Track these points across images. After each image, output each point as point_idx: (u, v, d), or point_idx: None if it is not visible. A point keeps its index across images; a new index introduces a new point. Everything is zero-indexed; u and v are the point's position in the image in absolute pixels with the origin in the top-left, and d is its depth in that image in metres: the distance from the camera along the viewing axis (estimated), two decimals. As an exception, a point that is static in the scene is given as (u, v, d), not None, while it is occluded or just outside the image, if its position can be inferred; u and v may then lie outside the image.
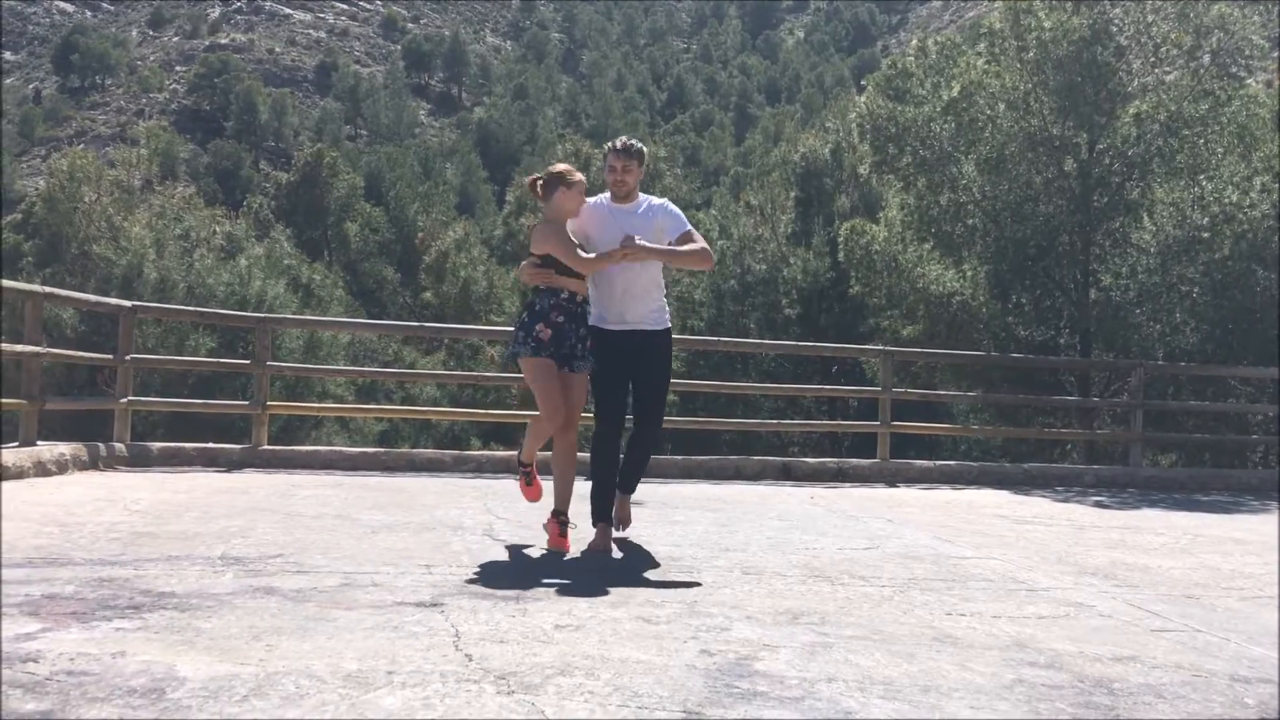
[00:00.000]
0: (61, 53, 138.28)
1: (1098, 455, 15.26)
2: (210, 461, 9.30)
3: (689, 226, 5.65)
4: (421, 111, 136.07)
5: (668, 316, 5.79)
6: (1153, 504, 9.61)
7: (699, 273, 24.16)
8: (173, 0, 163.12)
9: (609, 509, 5.72)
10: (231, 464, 9.30)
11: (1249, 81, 14.77)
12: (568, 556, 5.40)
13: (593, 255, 5.48)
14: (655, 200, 5.76)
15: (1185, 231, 13.93)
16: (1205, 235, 13.77)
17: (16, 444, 8.03)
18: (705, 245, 5.63)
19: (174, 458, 9.22)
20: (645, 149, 5.83)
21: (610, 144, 5.82)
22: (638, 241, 5.38)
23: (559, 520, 5.58)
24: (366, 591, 4.13)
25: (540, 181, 5.66)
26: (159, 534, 5.33)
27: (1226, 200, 13.74)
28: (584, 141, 39.50)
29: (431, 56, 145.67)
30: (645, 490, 8.56)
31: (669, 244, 5.57)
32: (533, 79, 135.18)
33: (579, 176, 5.62)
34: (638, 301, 5.63)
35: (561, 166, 5.69)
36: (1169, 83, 14.13)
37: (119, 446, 8.97)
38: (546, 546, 5.57)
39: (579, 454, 6.15)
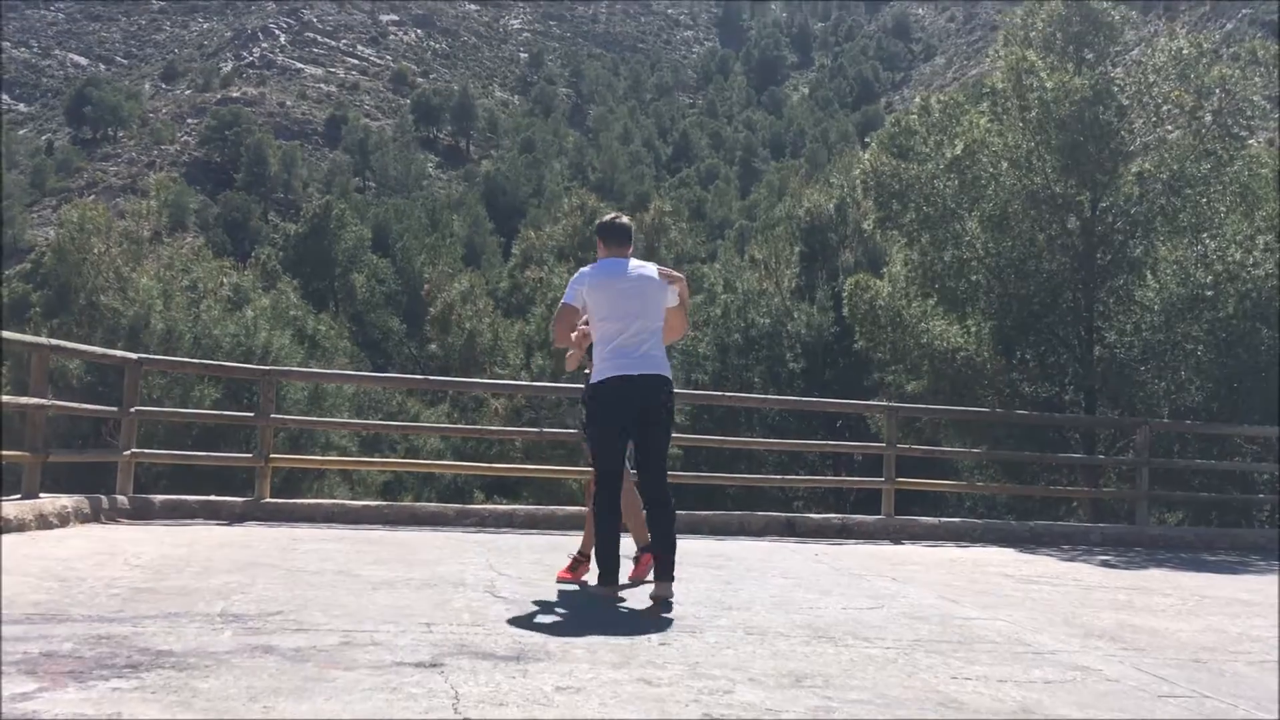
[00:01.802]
0: (74, 105, 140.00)
1: (1104, 513, 15.17)
2: (212, 514, 9.27)
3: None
4: (430, 164, 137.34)
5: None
6: (1159, 563, 9.54)
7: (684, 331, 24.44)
8: (186, 54, 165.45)
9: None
10: (234, 517, 9.27)
11: (1250, 142, 14.88)
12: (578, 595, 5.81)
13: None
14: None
15: (1189, 289, 13.95)
16: (1209, 293, 13.79)
17: (19, 496, 8.02)
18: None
19: (176, 510, 9.19)
20: (601, 221, 6.33)
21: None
22: None
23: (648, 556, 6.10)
24: (366, 651, 4.10)
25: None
26: (159, 589, 5.31)
27: (1230, 259, 13.79)
28: (590, 195, 39.76)
29: (440, 110, 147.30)
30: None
31: None
32: (540, 132, 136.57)
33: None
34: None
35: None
36: (1171, 142, 14.23)
37: (121, 499, 8.96)
38: (631, 578, 6.16)
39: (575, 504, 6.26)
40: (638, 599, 5.82)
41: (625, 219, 6.29)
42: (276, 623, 4.57)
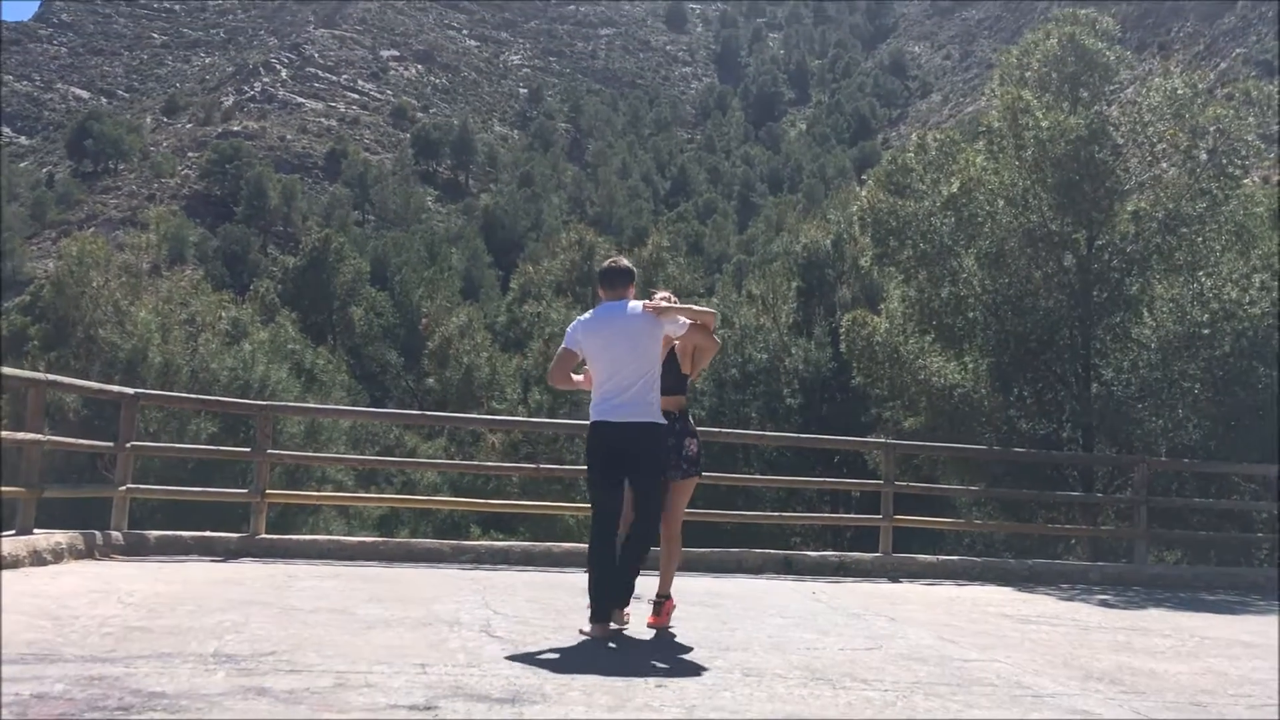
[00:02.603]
0: (76, 138, 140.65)
1: (1102, 551, 15.11)
2: (207, 550, 9.22)
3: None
4: (429, 198, 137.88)
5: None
6: (1158, 603, 9.50)
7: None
8: (188, 88, 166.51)
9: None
10: (229, 553, 9.22)
11: (1245, 180, 14.95)
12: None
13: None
14: None
15: (1185, 327, 13.98)
16: (1205, 332, 13.82)
17: (13, 532, 7.98)
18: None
19: (171, 546, 9.14)
20: (602, 267, 6.43)
21: None
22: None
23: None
24: (359, 693, 4.07)
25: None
26: (152, 628, 5.27)
27: (1226, 297, 13.82)
28: (588, 230, 39.90)
29: (440, 144, 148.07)
30: (643, 584, 8.47)
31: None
32: (539, 167, 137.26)
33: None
34: None
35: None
36: (1166, 181, 14.30)
37: (116, 535, 8.91)
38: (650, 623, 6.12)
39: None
40: (641, 639, 5.79)
41: (623, 261, 6.35)
42: (270, 663, 4.53)
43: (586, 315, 6.11)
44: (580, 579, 8.68)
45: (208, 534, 9.57)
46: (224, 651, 4.75)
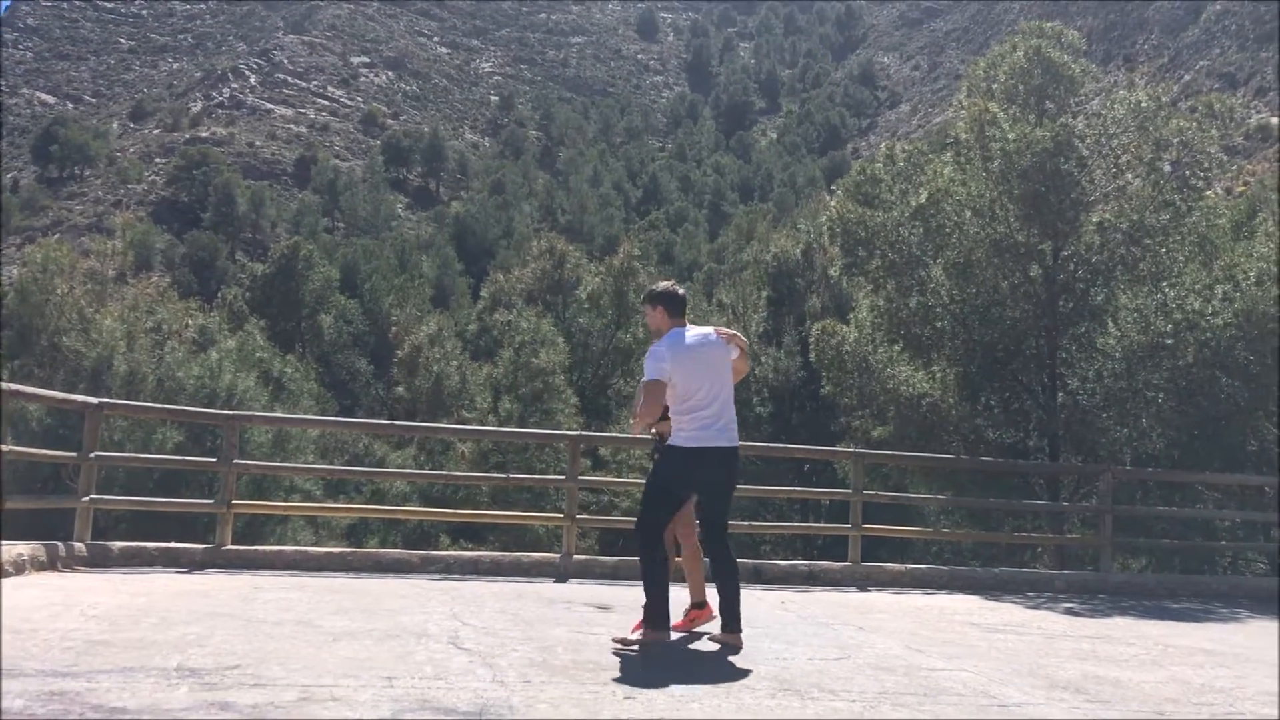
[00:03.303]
0: (41, 143, 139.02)
1: (1068, 559, 15.25)
2: (172, 561, 9.12)
3: (644, 378, 6.13)
4: (399, 205, 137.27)
5: (674, 436, 6.22)
6: (1123, 611, 9.58)
7: None
8: (155, 94, 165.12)
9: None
10: (194, 564, 9.13)
11: (1208, 192, 15.15)
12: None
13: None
14: (655, 342, 6.33)
15: (1149, 338, 14.14)
16: (1169, 342, 13.98)
17: (-27, 543, 7.86)
18: (636, 398, 6.37)
19: (135, 558, 9.04)
20: (662, 290, 6.44)
21: None
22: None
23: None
24: (325, 707, 4.04)
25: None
26: (114, 642, 5.21)
27: (1189, 308, 13.99)
28: (559, 238, 39.86)
29: (410, 152, 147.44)
30: (615, 594, 8.47)
31: None
32: (510, 174, 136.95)
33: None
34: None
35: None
36: (1130, 192, 14.48)
37: (79, 546, 8.80)
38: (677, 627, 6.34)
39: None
40: (610, 650, 5.78)
41: (682, 288, 6.60)
42: (234, 677, 4.49)
43: (664, 345, 6.14)
44: (548, 589, 8.68)
45: (173, 545, 9.47)
46: (187, 665, 4.70)
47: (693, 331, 6.22)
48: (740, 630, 6.08)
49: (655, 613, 6.02)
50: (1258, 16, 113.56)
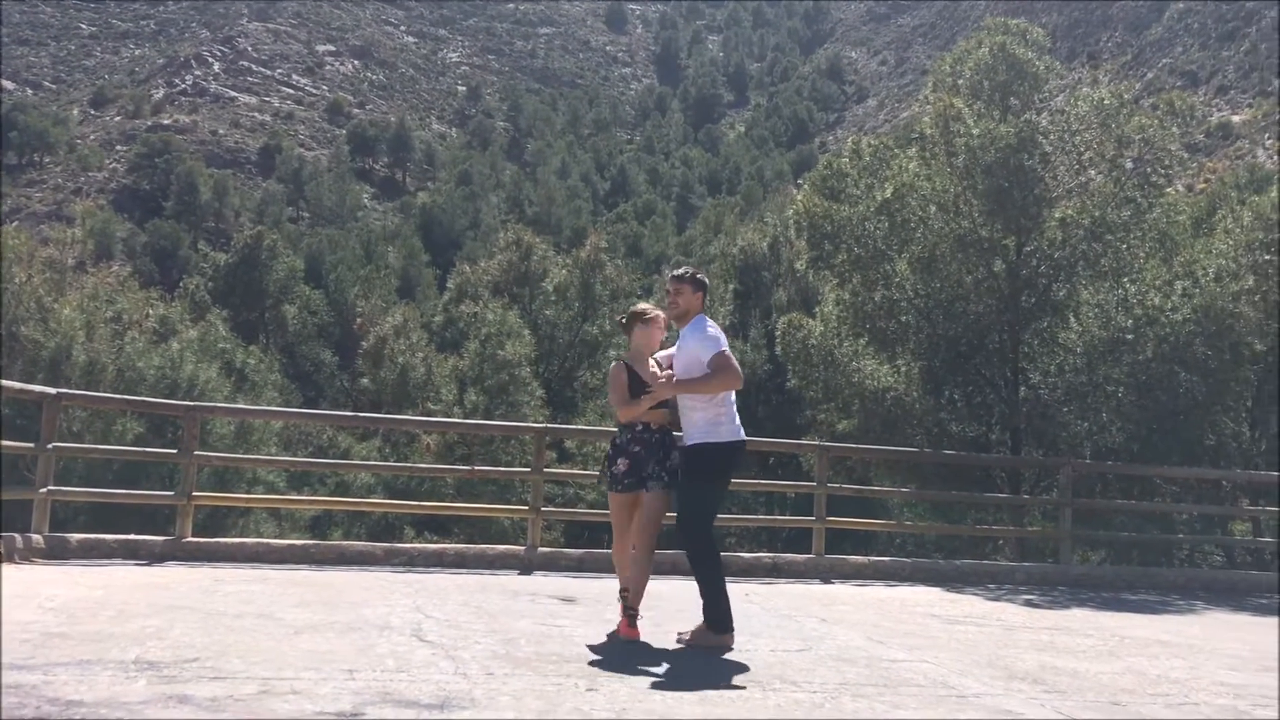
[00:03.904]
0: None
1: (1029, 552, 15.40)
2: (131, 554, 9.03)
3: (719, 349, 5.89)
4: (365, 195, 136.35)
5: (712, 430, 6.01)
6: (1081, 603, 9.70)
7: None
8: (116, 80, 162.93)
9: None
10: (153, 557, 9.03)
11: (1168, 190, 15.34)
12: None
13: (633, 403, 5.98)
14: (697, 323, 6.11)
15: (1110, 333, 14.30)
16: (1129, 337, 14.15)
17: (-73, 535, 7.74)
18: (724, 369, 5.84)
19: (94, 550, 8.94)
20: (702, 275, 6.35)
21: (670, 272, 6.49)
22: (660, 379, 5.95)
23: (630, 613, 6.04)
24: (285, 700, 4.01)
25: (623, 321, 6.32)
26: (71, 634, 5.15)
27: (1149, 303, 14.17)
28: (526, 230, 39.72)
29: (376, 141, 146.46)
30: (578, 586, 8.48)
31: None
32: (477, 165, 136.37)
33: (655, 313, 6.21)
34: (682, 417, 6.09)
35: (640, 306, 6.32)
36: (1093, 189, 14.63)
37: (36, 538, 8.69)
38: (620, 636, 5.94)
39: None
40: (573, 642, 5.78)
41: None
42: (193, 670, 4.46)
43: (716, 328, 6.07)
44: (512, 581, 8.68)
45: (132, 537, 9.37)
46: (146, 658, 4.66)
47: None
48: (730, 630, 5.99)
49: (722, 615, 5.89)
50: (1219, 15, 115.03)
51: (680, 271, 6.29)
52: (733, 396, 6.08)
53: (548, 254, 37.13)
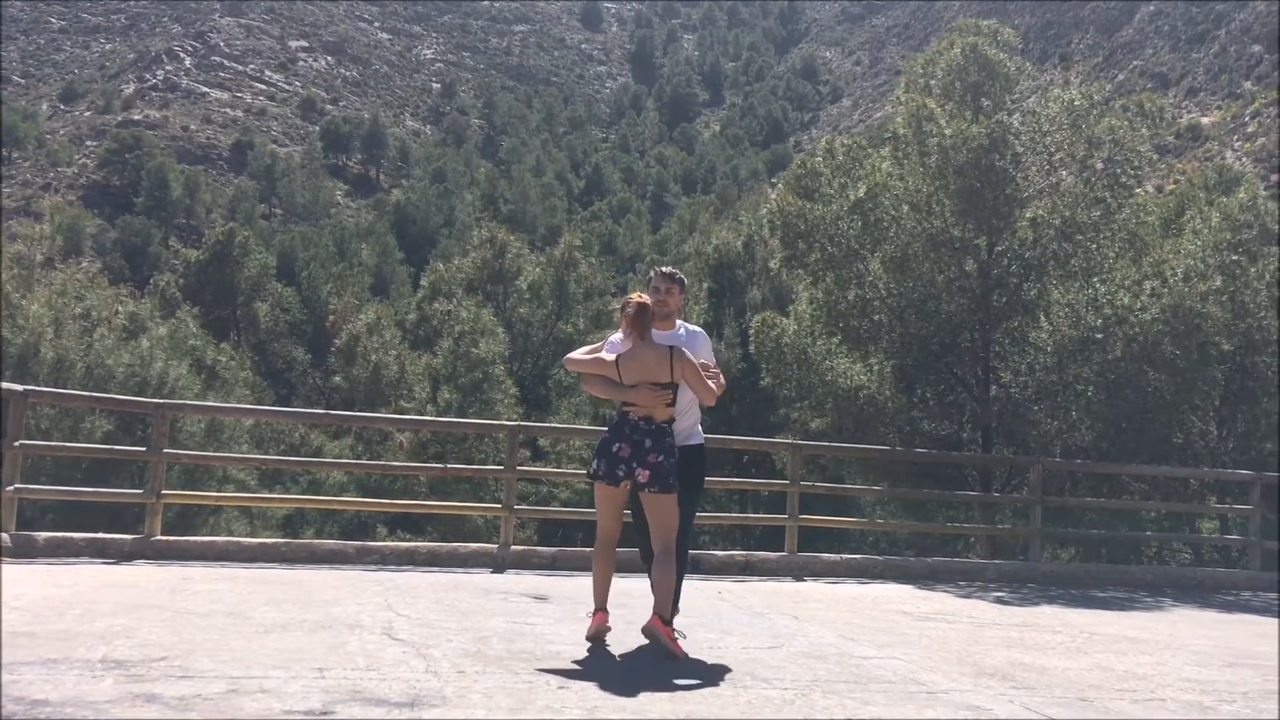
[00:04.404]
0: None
1: (999, 549, 15.51)
2: (99, 552, 8.95)
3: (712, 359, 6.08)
4: (338, 192, 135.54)
5: (698, 434, 6.18)
6: (1051, 600, 9.78)
7: None
8: (87, 75, 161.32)
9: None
10: (122, 555, 8.96)
11: (1138, 190, 15.48)
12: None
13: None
14: (690, 327, 6.15)
15: (1080, 332, 14.41)
16: (1099, 336, 14.26)
17: (-110, 534, 7.64)
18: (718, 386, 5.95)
19: (61, 548, 8.85)
20: (681, 276, 6.28)
21: (657, 269, 6.25)
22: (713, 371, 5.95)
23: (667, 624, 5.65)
24: (253, 698, 3.99)
25: (635, 315, 5.80)
26: (38, 633, 5.10)
27: (1119, 303, 14.28)
28: (500, 228, 39.62)
29: (350, 138, 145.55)
30: (553, 585, 8.48)
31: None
32: (451, 163, 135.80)
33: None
34: (683, 418, 6.00)
35: (644, 297, 5.98)
36: (1063, 189, 14.74)
37: (3, 537, 8.59)
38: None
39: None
40: (546, 641, 5.78)
41: None
42: (161, 669, 4.42)
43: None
44: (485, 579, 8.67)
45: (100, 536, 9.29)
46: (113, 657, 4.62)
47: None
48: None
49: (675, 600, 5.83)
50: (1190, 18, 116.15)
51: (670, 270, 6.18)
52: (699, 407, 6.17)
53: (522, 252, 37.08)
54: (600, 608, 5.83)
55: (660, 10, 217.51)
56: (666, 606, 5.58)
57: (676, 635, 5.55)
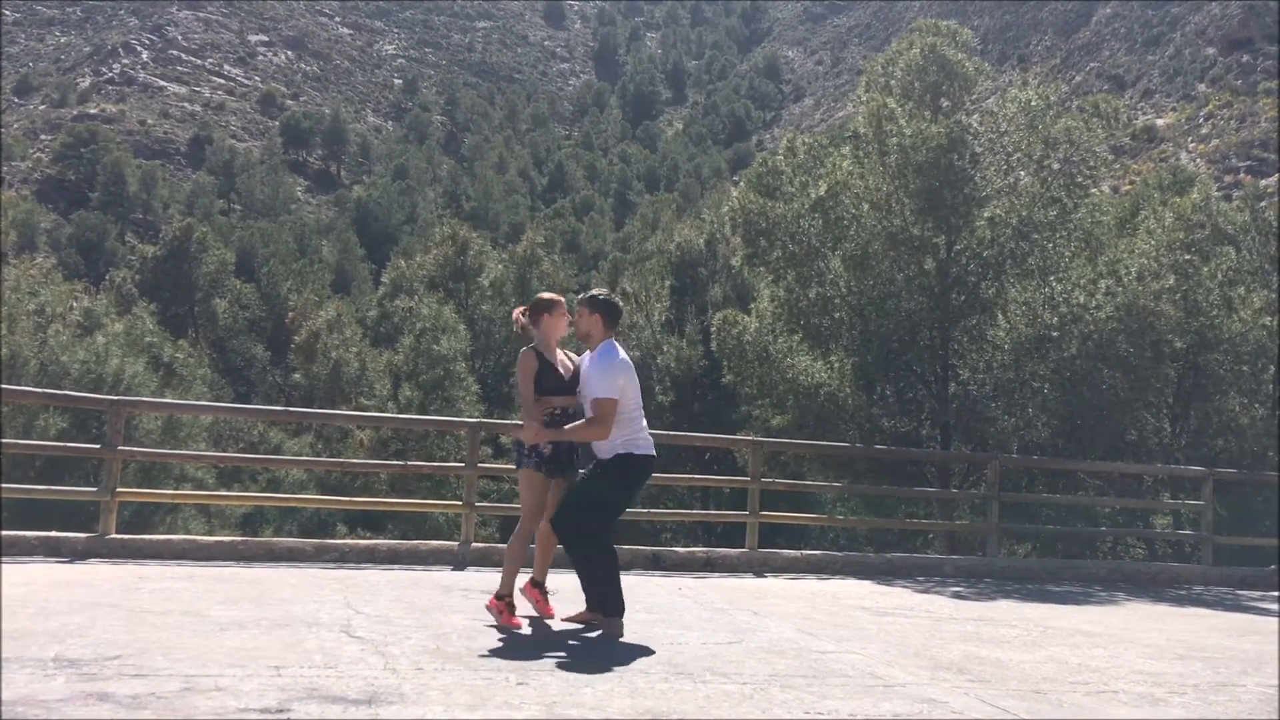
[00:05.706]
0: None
1: (958, 545, 15.66)
2: (53, 551, 8.82)
3: (599, 395, 5.96)
4: (299, 188, 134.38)
5: (630, 444, 6.15)
6: (1007, 595, 9.89)
7: None
8: (41, 68, 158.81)
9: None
10: (76, 554, 8.83)
11: (1094, 190, 15.68)
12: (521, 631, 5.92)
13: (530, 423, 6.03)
14: (603, 351, 6.14)
15: (1036, 330, 14.58)
16: (1055, 334, 14.44)
17: None
18: (599, 422, 5.97)
19: (13, 547, 8.71)
20: (604, 298, 6.33)
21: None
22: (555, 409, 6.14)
23: (540, 590, 6.43)
24: (208, 697, 3.96)
25: (527, 310, 6.28)
26: (-12, 634, 5.03)
27: (1074, 301, 14.47)
28: (462, 225, 39.46)
29: (311, 134, 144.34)
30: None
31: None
32: (413, 159, 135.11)
33: (560, 300, 6.30)
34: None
35: (546, 295, 6.36)
36: (1021, 189, 14.90)
37: (-48, 535, 8.45)
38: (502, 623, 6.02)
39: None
40: (505, 637, 5.77)
41: (619, 301, 6.62)
42: (114, 668, 4.37)
43: (621, 359, 6.09)
44: (445, 577, 8.63)
45: (54, 534, 9.15)
46: (66, 656, 4.56)
47: (619, 346, 6.21)
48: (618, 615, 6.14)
49: (620, 601, 6.08)
50: (1146, 20, 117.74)
51: (589, 294, 6.37)
52: (640, 418, 6.21)
53: (484, 249, 36.94)
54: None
55: (623, 8, 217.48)
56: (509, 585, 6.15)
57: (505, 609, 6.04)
